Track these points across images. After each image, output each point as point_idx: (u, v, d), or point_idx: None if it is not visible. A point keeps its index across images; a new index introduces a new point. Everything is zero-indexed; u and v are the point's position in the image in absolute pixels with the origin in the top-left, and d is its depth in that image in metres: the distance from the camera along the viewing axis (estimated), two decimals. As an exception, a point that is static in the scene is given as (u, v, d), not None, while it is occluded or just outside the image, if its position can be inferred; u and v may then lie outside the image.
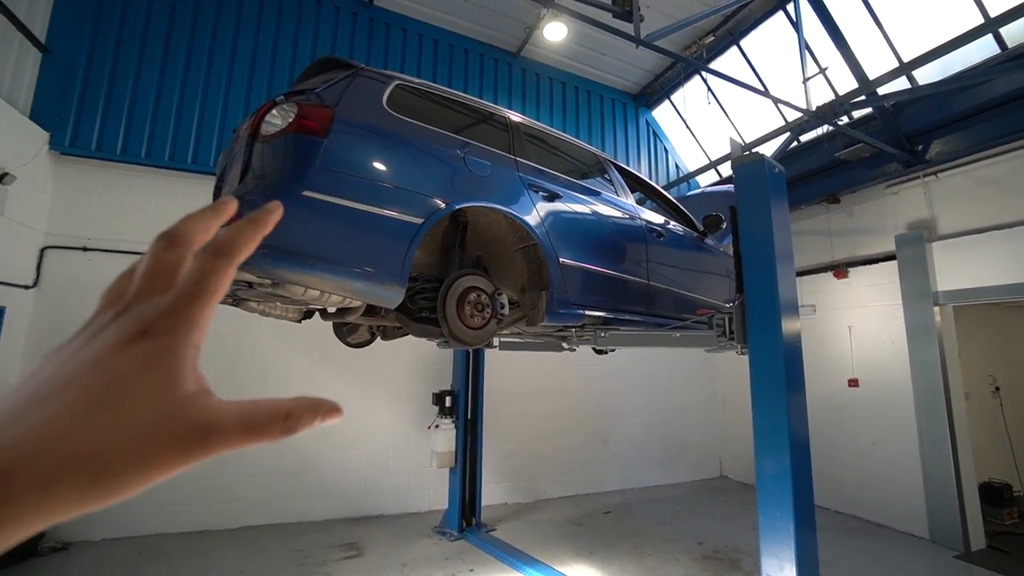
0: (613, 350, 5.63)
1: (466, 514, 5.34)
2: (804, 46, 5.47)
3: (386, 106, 2.45)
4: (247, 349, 5.46)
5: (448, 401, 5.38)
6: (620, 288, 3.18)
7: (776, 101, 5.02)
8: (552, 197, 2.92)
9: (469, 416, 5.50)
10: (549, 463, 6.82)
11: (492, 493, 6.24)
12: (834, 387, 6.34)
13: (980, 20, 4.75)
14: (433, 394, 5.47)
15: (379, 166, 2.25)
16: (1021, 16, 4.55)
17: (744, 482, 7.67)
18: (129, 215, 5.28)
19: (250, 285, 2.18)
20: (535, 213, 2.76)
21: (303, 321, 3.30)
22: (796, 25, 5.48)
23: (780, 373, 2.77)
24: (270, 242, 2.02)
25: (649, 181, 4.18)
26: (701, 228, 4.17)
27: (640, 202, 4.37)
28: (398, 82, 2.61)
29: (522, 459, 6.63)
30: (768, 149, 6.78)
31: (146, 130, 5.36)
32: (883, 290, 6.02)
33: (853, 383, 6.18)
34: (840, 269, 6.45)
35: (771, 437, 2.73)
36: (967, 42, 4.84)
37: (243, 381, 5.40)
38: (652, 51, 7.17)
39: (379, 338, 3.72)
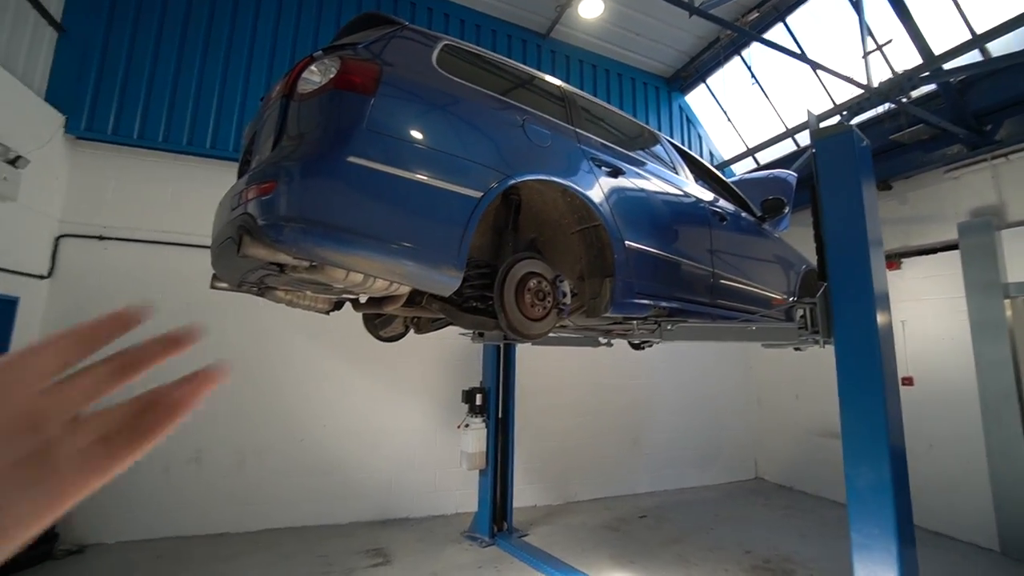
0: (651, 345, 5.30)
1: (497, 518, 5.07)
2: (862, 19, 5.06)
3: (436, 66, 2.16)
4: (263, 340, 5.22)
5: (479, 399, 5.10)
6: (686, 276, 2.86)
7: (837, 75, 4.62)
8: (615, 173, 2.60)
9: (500, 415, 5.22)
10: (579, 463, 6.52)
11: (520, 495, 5.93)
12: (886, 386, 5.93)
13: (1066, -16, 4.31)
14: (463, 391, 5.19)
15: (432, 131, 1.95)
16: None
17: (781, 484, 7.31)
18: (146, 202, 5.07)
19: (282, 269, 1.90)
20: (598, 189, 2.45)
21: (331, 312, 3.04)
22: (855, -5, 5.07)
23: (876, 370, 2.43)
24: (310, 216, 1.74)
25: (704, 161, 3.84)
26: (759, 213, 3.83)
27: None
28: (446, 42, 2.31)
29: (551, 459, 6.34)
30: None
31: (163, 114, 5.13)
32: (940, 282, 5.61)
33: (907, 381, 5.78)
34: (892, 260, 6.04)
35: (866, 442, 2.40)
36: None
37: (260, 373, 5.18)
38: (687, 32, 6.82)
39: (412, 331, 3.45)
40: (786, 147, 7.06)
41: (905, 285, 5.95)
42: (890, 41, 5.15)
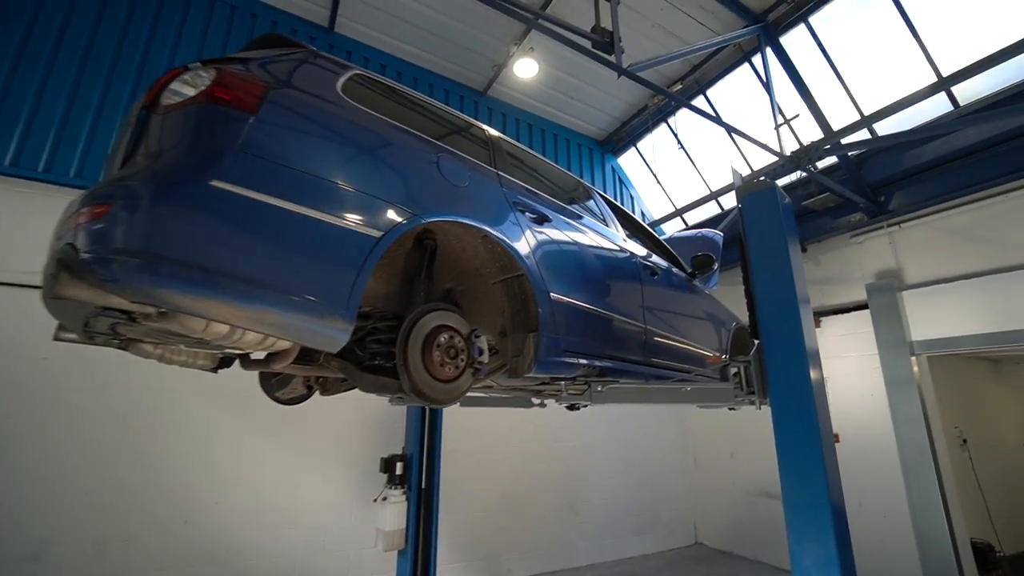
0: (586, 406, 5.08)
1: (417, 608, 4.41)
2: (772, 96, 5.53)
3: (341, 93, 1.93)
4: (142, 398, 4.46)
5: (399, 468, 4.56)
6: (618, 333, 2.68)
7: (752, 141, 4.92)
8: (541, 220, 2.44)
9: (423, 485, 4.68)
10: (512, 536, 5.98)
11: (447, 576, 5.31)
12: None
13: (934, 78, 4.93)
14: (382, 459, 4.64)
15: (326, 160, 1.68)
16: (970, 76, 4.75)
17: (721, 549, 7.08)
18: (15, 239, 4.34)
19: (131, 317, 1.51)
20: (521, 236, 2.25)
21: (220, 371, 2.56)
22: (765, 71, 5.56)
23: (815, 433, 2.32)
24: (150, 249, 1.38)
25: (634, 216, 3.82)
26: (689, 269, 3.82)
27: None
28: (357, 71, 2.11)
29: (481, 533, 5.77)
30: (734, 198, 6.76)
31: (48, 141, 4.54)
32: (858, 340, 5.89)
33: (834, 439, 5.87)
34: (814, 319, 6.31)
35: (810, 514, 2.23)
36: (923, 98, 5.01)
37: (136, 439, 4.38)
38: (617, 99, 7.20)
39: (317, 392, 3.01)
40: (711, 209, 7.44)
41: (826, 343, 6.18)
42: (797, 115, 5.64)
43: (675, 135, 7.10)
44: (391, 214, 1.74)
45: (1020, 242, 4.75)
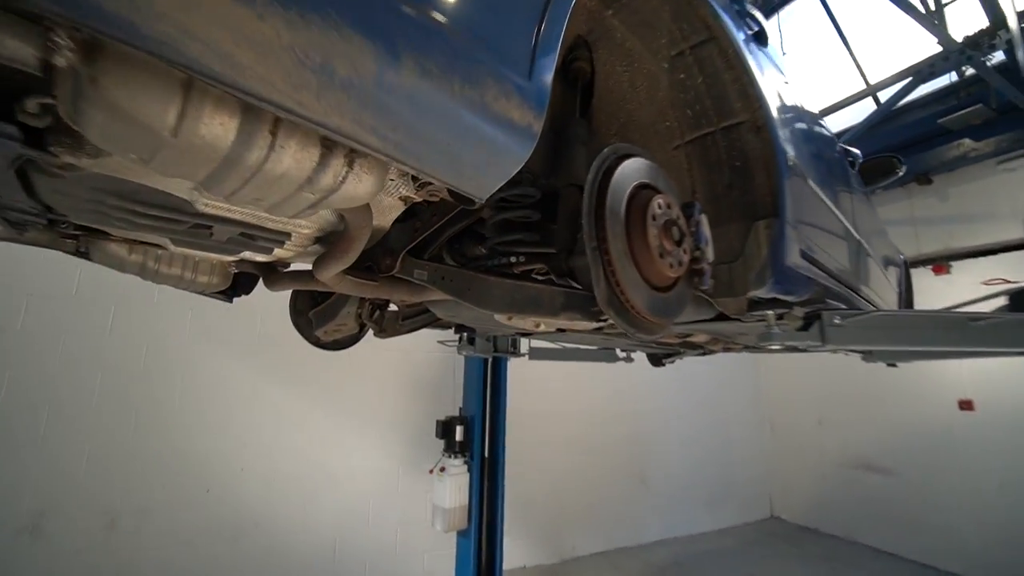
0: (673, 361, 4.17)
1: (482, 596, 3.72)
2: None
3: None
4: (154, 347, 3.71)
5: (459, 433, 3.78)
6: (841, 240, 1.73)
7: (920, 21, 3.73)
8: (760, 38, 1.47)
9: (487, 454, 3.91)
10: (576, 510, 5.26)
11: (505, 555, 4.62)
12: (938, 410, 5.07)
13: None
14: (438, 423, 3.86)
15: None
16: None
17: (804, 525, 6.30)
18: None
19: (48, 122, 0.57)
20: (752, 56, 1.29)
21: (235, 299, 1.71)
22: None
23: None
24: None
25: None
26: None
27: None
28: None
29: (543, 507, 5.05)
30: (853, 113, 5.58)
31: None
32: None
33: (966, 405, 4.92)
34: (940, 263, 5.26)
35: None
36: None
37: (147, 397, 3.65)
38: None
39: (372, 332, 2.16)
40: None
41: (957, 292, 5.12)
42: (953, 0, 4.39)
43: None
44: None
45: None
